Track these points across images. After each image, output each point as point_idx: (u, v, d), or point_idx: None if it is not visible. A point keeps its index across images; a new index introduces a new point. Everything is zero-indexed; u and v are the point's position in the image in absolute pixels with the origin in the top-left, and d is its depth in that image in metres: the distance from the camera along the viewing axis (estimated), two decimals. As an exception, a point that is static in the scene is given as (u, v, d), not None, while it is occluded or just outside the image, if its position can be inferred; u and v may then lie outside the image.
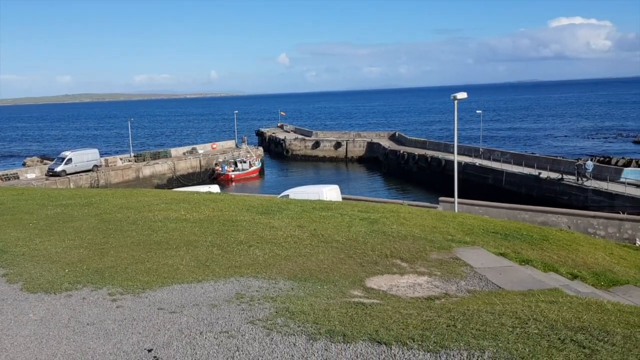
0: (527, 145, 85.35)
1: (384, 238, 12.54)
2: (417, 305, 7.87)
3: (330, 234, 12.85)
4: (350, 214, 15.50)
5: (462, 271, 10.29)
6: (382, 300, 8.22)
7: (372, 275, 9.93)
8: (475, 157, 53.67)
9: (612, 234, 23.09)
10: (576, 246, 13.80)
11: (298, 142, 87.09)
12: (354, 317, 6.93)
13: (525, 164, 46.10)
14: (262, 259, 10.61)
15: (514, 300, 8.14)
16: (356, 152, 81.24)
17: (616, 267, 12.81)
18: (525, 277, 10.05)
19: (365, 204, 19.45)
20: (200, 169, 66.72)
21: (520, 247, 12.92)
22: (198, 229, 13.30)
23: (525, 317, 6.87)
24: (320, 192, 25.94)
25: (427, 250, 11.67)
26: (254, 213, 15.64)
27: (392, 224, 14.15)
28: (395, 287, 9.39)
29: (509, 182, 44.89)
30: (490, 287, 9.45)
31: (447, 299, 8.70)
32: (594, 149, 77.09)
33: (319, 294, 8.46)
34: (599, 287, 11.18)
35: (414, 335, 6.05)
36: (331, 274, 9.78)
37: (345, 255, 11.10)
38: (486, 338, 5.97)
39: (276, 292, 8.43)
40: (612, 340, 5.97)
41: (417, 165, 61.56)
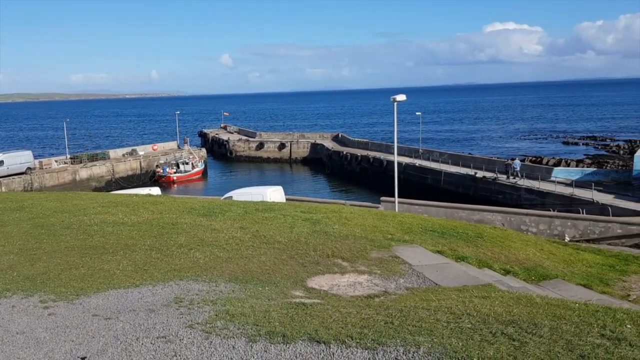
0: (464, 146, 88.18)
1: (326, 238, 12.66)
2: (356, 303, 8.00)
3: (272, 235, 12.84)
4: (293, 215, 15.54)
5: (401, 269, 10.54)
6: (323, 300, 8.30)
7: (314, 275, 10.01)
8: (415, 157, 54.93)
9: (543, 231, 24.21)
10: (509, 243, 14.39)
11: (242, 143, 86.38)
12: (294, 317, 6.97)
13: (462, 164, 47.63)
14: (203, 262, 10.48)
15: (450, 296, 8.40)
16: (300, 153, 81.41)
17: (546, 262, 13.45)
18: (460, 274, 10.40)
19: (308, 205, 19.55)
20: (140, 171, 64.97)
21: (456, 245, 13.35)
22: (136, 233, 12.98)
23: (459, 312, 7.11)
24: (264, 193, 25.87)
25: (368, 249, 11.86)
26: (195, 215, 15.41)
27: (334, 224, 14.30)
28: (336, 286, 9.51)
29: (447, 181, 46.22)
30: (428, 284, 9.72)
31: (386, 296, 8.89)
32: (527, 150, 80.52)
33: (260, 295, 8.45)
34: (530, 281, 11.70)
35: (353, 334, 6.15)
36: (273, 275, 9.78)
37: (287, 256, 11.13)
38: (422, 334, 6.14)
39: (216, 295, 8.35)
40: (540, 332, 6.26)
41: (359, 166, 62.37)
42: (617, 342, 5.94)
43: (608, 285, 12.31)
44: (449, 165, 48.32)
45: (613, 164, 58.67)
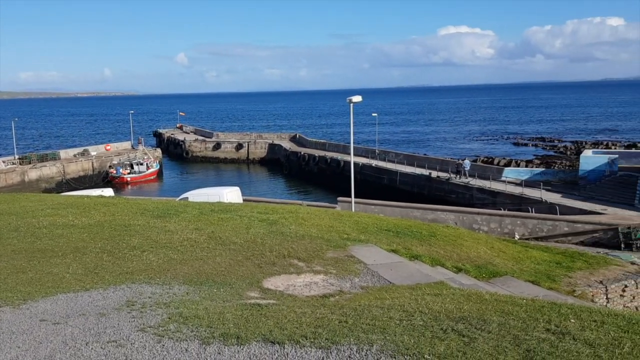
0: (420, 147, 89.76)
1: (282, 239, 12.67)
2: (312, 303, 8.05)
3: (228, 236, 12.75)
4: (249, 216, 15.48)
5: (356, 268, 10.65)
6: (279, 300, 8.31)
7: (270, 276, 10.00)
8: (372, 158, 55.51)
9: (494, 229, 24.91)
10: (461, 241, 14.74)
11: (198, 143, 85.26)
12: (249, 318, 6.95)
13: (417, 165, 48.45)
14: (156, 264, 10.31)
15: (403, 294, 8.56)
16: (258, 154, 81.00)
17: (496, 260, 13.85)
18: (414, 272, 10.60)
19: (265, 205, 19.49)
20: (92, 171, 63.23)
21: (410, 244, 13.59)
22: (87, 235, 12.65)
23: (412, 310, 7.25)
24: (221, 194, 25.63)
25: (324, 249, 11.94)
26: (148, 217, 15.13)
27: (291, 225, 14.32)
28: (292, 286, 9.53)
29: (402, 181, 46.92)
30: (382, 283, 9.87)
31: (342, 296, 8.97)
32: (479, 151, 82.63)
33: (215, 297, 8.38)
34: (481, 278, 12.03)
35: (307, 333, 6.18)
36: (228, 277, 9.72)
37: (242, 257, 11.08)
38: (375, 332, 6.23)
39: (170, 298, 8.23)
40: (489, 328, 6.45)
41: (317, 167, 62.58)
42: (561, 336, 6.18)
43: (555, 282, 12.78)
44: (404, 166, 49.06)
45: (560, 164, 60.88)
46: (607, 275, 13.63)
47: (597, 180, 38.04)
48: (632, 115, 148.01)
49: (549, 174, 42.27)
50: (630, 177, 36.52)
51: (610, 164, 38.91)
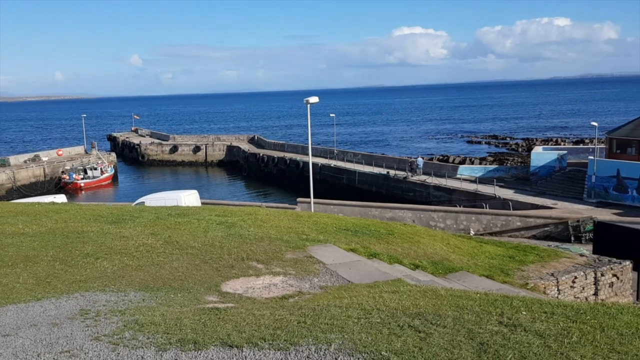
0: (378, 147, 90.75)
1: (241, 241, 12.59)
2: (271, 305, 8.04)
3: (185, 240, 12.59)
4: (207, 219, 15.31)
5: (315, 268, 10.70)
6: (237, 304, 8.27)
7: (228, 279, 9.93)
8: (331, 158, 55.83)
9: (450, 226, 25.47)
10: (418, 238, 15.00)
11: (154, 146, 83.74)
12: (206, 323, 6.88)
13: (375, 164, 49.02)
14: (111, 271, 10.09)
15: (361, 292, 8.65)
16: (216, 156, 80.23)
17: (452, 256, 14.15)
18: (372, 270, 10.73)
19: (223, 208, 19.32)
20: (44, 177, 61.25)
21: (368, 242, 13.73)
22: (38, 243, 12.24)
23: (369, 307, 7.33)
24: (178, 198, 25.27)
25: (283, 250, 11.94)
26: (102, 223, 14.78)
27: (250, 227, 14.26)
28: (251, 289, 9.49)
29: (361, 181, 47.36)
30: (341, 282, 9.94)
31: (301, 296, 9.00)
32: (435, 149, 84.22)
33: (172, 302, 8.27)
34: (437, 274, 12.26)
35: (266, 335, 6.18)
36: (185, 282, 9.61)
37: (200, 261, 10.96)
38: (333, 331, 6.28)
39: (125, 305, 8.07)
40: (444, 322, 6.60)
41: (276, 168, 62.46)
42: (513, 328, 6.38)
43: (508, 275, 13.15)
44: (363, 165, 49.54)
45: (513, 161, 62.66)
46: (558, 267, 14.12)
47: (548, 176, 39.37)
48: (579, 113, 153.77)
49: (502, 171, 43.50)
50: (578, 172, 37.95)
51: (560, 160, 40.33)
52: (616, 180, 34.60)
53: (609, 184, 34.89)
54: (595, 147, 41.67)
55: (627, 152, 37.41)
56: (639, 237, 15.33)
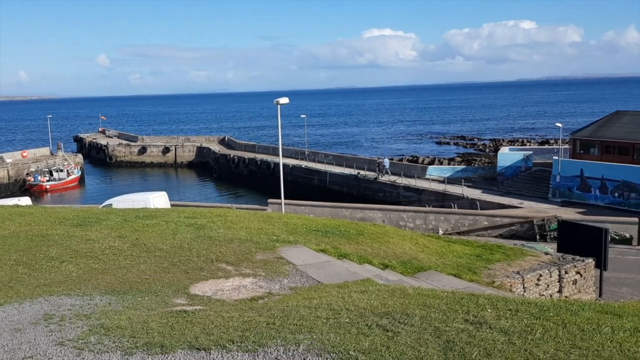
0: (349, 148, 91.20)
1: (210, 243, 12.50)
2: (240, 307, 8.01)
3: (153, 242, 12.42)
4: (176, 221, 15.14)
5: (285, 269, 10.69)
6: (206, 306, 8.20)
7: (197, 281, 9.85)
8: (302, 159, 55.85)
9: (419, 225, 25.77)
10: (387, 238, 15.13)
11: (122, 147, 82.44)
12: (174, 326, 6.82)
13: (346, 165, 49.29)
14: (76, 275, 9.90)
15: (331, 293, 8.69)
16: (186, 157, 79.44)
17: (421, 255, 14.32)
18: (341, 271, 10.78)
19: (192, 210, 19.12)
20: (8, 180, 59.69)
21: (339, 243, 13.79)
22: (0, 247, 11.92)
23: (338, 308, 7.38)
24: (147, 200, 24.93)
25: (253, 252, 11.89)
26: (68, 226, 14.46)
27: (219, 229, 14.15)
28: (220, 291, 9.43)
29: (332, 182, 47.53)
30: (311, 283, 9.97)
31: (270, 297, 8.98)
32: (405, 150, 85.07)
33: (139, 306, 8.16)
34: (406, 274, 12.38)
35: (234, 338, 6.16)
36: (153, 284, 9.49)
37: (168, 263, 10.84)
38: (302, 332, 6.29)
39: (91, 309, 7.93)
40: (411, 321, 6.68)
41: (247, 169, 62.18)
42: (478, 326, 6.50)
43: (475, 274, 13.36)
44: (333, 166, 49.74)
45: (480, 161, 63.76)
46: (524, 265, 14.43)
47: (514, 176, 40.18)
48: (545, 114, 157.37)
49: (470, 171, 44.23)
50: (543, 172, 38.84)
51: (526, 160, 41.22)
52: (580, 180, 35.54)
53: (573, 184, 35.82)
54: (560, 147, 42.72)
55: (590, 152, 38.49)
56: (600, 236, 15.78)
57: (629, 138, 36.70)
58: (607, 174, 34.65)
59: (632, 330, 6.46)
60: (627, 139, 36.70)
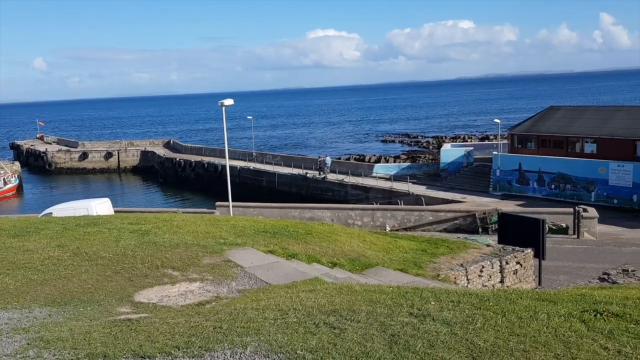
0: (297, 148, 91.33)
1: (155, 249, 12.25)
2: (186, 312, 7.90)
3: (95, 250, 12.07)
4: (119, 228, 14.74)
5: (233, 272, 10.62)
6: (151, 313, 8.05)
7: (142, 288, 9.65)
8: (250, 160, 55.52)
9: (367, 223, 26.13)
10: (335, 237, 15.26)
11: (62, 154, 79.44)
12: (117, 335, 6.66)
13: (294, 165, 49.32)
14: (14, 287, 9.49)
15: (279, 293, 8.70)
16: (129, 162, 77.40)
17: (368, 252, 14.53)
18: (290, 271, 10.82)
19: (136, 216, 18.67)
20: (-62, 191, 56.38)
21: (287, 243, 13.81)
22: None
23: (286, 308, 7.40)
24: (89, 207, 24.15)
25: (200, 256, 11.74)
26: (4, 237, 13.83)
27: (165, 234, 13.89)
28: (166, 297, 9.28)
29: (281, 182, 47.49)
30: (259, 284, 9.95)
31: (218, 301, 8.91)
32: (352, 149, 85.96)
33: (81, 316, 7.92)
34: (354, 271, 12.55)
35: (180, 344, 6.07)
36: (96, 294, 9.23)
37: (111, 271, 10.56)
38: (250, 334, 6.28)
39: (29, 322, 7.63)
40: (358, 317, 6.78)
41: (194, 172, 61.24)
42: (422, 319, 6.67)
43: (421, 268, 13.69)
44: (282, 167, 49.70)
45: (424, 158, 65.27)
46: (467, 258, 14.88)
47: (457, 172, 41.37)
48: (484, 111, 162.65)
49: (415, 168, 45.22)
50: (484, 167, 40.17)
51: (467, 156, 42.51)
52: (518, 174, 36.97)
53: (512, 177, 37.22)
54: (499, 143, 44.28)
55: (527, 146, 40.08)
56: (538, 226, 16.46)
57: (563, 132, 38.46)
58: (543, 167, 36.21)
59: (566, 316, 6.78)
60: (561, 133, 38.45)
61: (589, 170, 34.93)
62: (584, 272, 19.89)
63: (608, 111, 40.53)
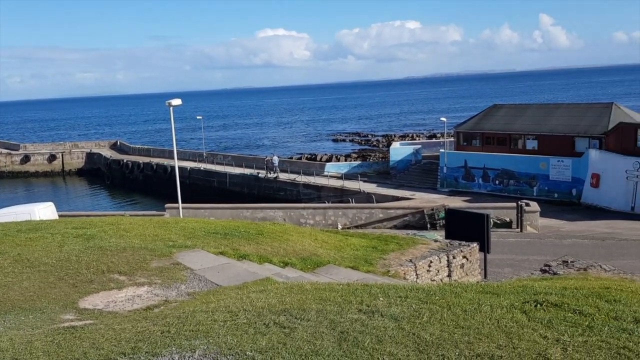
0: (249, 148, 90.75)
1: (101, 253, 11.93)
2: (133, 317, 7.74)
3: (38, 257, 11.63)
4: (63, 233, 14.27)
5: (182, 275, 10.48)
6: (97, 320, 7.85)
7: (87, 294, 9.38)
8: (200, 161, 54.75)
9: (319, 222, 26.28)
10: (287, 236, 15.28)
11: (2, 157, 76.09)
12: (61, 343, 6.46)
13: (246, 165, 48.98)
14: (-51, 298, 9.05)
15: (229, 295, 8.64)
16: (75, 165, 74.92)
17: (320, 250, 14.62)
18: (241, 272, 10.76)
19: (81, 220, 18.10)
20: None
21: (238, 244, 13.73)
22: None
23: (236, 309, 7.36)
24: (32, 212, 23.33)
25: (148, 259, 11.52)
26: (-63, 246, 13.15)
27: (111, 238, 13.55)
28: (112, 303, 9.06)
29: (232, 183, 47.08)
30: (209, 287, 9.85)
31: (167, 305, 8.77)
32: (305, 148, 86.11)
33: (23, 325, 7.63)
34: (306, 270, 12.60)
35: (126, 350, 5.95)
36: (38, 301, 8.91)
37: (55, 278, 10.22)
38: (198, 337, 6.21)
39: (-34, 334, 7.29)
40: (308, 316, 6.82)
41: (142, 174, 59.87)
42: (371, 315, 6.77)
43: (372, 265, 13.88)
44: (233, 167, 49.24)
45: (374, 156, 66.08)
46: (415, 253, 15.19)
47: (406, 169, 42.16)
48: (432, 110, 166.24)
49: (365, 166, 45.77)
50: (432, 165, 41.10)
51: (415, 154, 43.40)
52: (464, 170, 38.01)
53: (458, 174, 38.23)
54: (446, 140, 45.38)
55: (472, 144, 41.26)
56: (483, 221, 17.00)
57: (505, 129, 39.78)
58: (488, 163, 37.37)
59: (508, 307, 7.04)
60: (504, 130, 39.78)
61: (530, 166, 36.30)
62: (527, 264, 20.65)
63: (548, 109, 42.20)
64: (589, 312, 6.72)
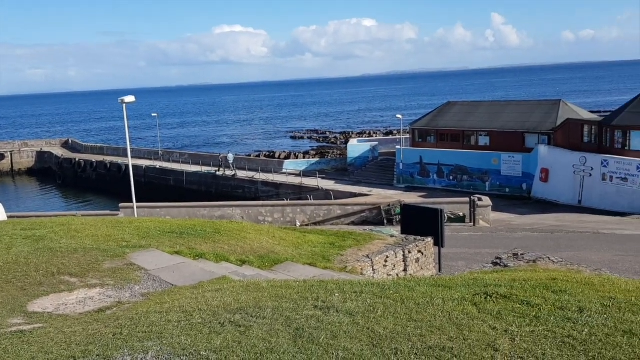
0: (207, 146, 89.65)
1: (51, 255, 11.58)
2: (84, 320, 7.56)
3: (-17, 260, 11.19)
4: (11, 234, 13.77)
5: (136, 276, 10.28)
6: (46, 323, 7.62)
7: (36, 297, 9.09)
8: (156, 159, 53.77)
9: (278, 219, 26.24)
10: (245, 234, 15.19)
11: (-56, 157, 72.62)
12: (8, 349, 6.26)
13: (202, 163, 48.36)
14: None
15: (184, 295, 8.54)
16: (24, 164, 72.40)
17: (278, 248, 14.60)
18: (197, 271, 10.64)
19: (31, 221, 17.50)
20: None
21: (194, 243, 13.57)
22: None
23: (191, 309, 7.29)
24: (-22, 214, 22.34)
25: (100, 260, 11.25)
26: None
27: (62, 239, 13.16)
28: (63, 305, 8.81)
29: (189, 181, 46.44)
30: (164, 287, 9.71)
31: (120, 307, 8.59)
32: (263, 146, 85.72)
33: (-33, 332, 7.34)
34: (264, 268, 12.56)
35: (76, 354, 5.82)
36: (-17, 307, 8.58)
37: (2, 281, 9.85)
38: (151, 338, 6.13)
39: None
40: (264, 314, 6.82)
41: (95, 173, 58.37)
42: (327, 311, 6.83)
43: (329, 261, 13.96)
44: (190, 165, 48.56)
45: (332, 153, 66.37)
46: (372, 249, 15.36)
47: (363, 166, 42.57)
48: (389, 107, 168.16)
49: (323, 164, 45.96)
50: (388, 161, 41.64)
51: (372, 151, 43.85)
52: (420, 167, 38.67)
53: (414, 170, 38.86)
54: (402, 137, 46.02)
55: (427, 140, 42.02)
56: (437, 216, 17.36)
57: (459, 126, 40.68)
58: (442, 159, 38.14)
59: (460, 300, 7.23)
60: (458, 127, 40.67)
61: (483, 161, 37.25)
62: (479, 258, 21.20)
63: (499, 106, 43.38)
64: (536, 303, 6.97)
